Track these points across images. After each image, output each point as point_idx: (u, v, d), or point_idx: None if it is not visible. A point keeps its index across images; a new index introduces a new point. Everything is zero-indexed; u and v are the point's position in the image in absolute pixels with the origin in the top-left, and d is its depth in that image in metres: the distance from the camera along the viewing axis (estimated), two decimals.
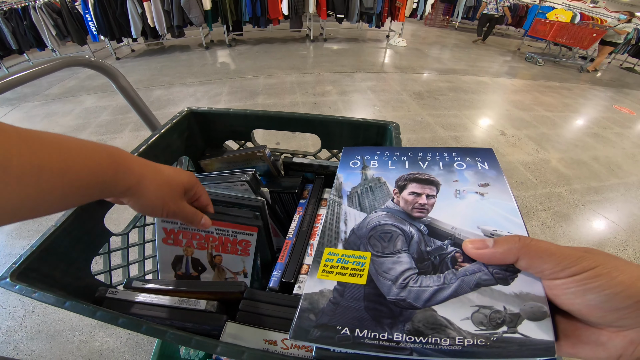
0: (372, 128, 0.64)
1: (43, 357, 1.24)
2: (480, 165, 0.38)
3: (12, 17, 4.47)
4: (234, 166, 0.65)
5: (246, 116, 0.68)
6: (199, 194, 0.47)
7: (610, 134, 3.20)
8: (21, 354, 1.25)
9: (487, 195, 0.34)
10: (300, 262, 0.48)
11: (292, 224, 0.54)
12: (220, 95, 3.54)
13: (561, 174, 2.46)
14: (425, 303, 0.26)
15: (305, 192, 0.61)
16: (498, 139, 2.87)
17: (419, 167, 0.39)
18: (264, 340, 0.37)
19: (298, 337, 0.26)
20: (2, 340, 1.30)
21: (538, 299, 0.24)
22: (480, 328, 0.24)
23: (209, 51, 5.47)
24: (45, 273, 0.40)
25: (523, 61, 5.92)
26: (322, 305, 0.28)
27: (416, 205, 0.35)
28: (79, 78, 4.23)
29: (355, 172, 0.41)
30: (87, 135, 2.77)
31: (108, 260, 0.54)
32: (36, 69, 0.64)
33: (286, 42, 6.05)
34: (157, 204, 0.39)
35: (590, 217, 2.05)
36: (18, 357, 1.24)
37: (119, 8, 4.60)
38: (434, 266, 0.29)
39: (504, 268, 0.27)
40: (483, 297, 0.26)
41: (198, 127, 0.70)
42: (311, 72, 4.32)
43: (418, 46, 6.32)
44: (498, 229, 0.30)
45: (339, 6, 5.49)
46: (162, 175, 0.40)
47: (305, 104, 3.33)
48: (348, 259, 0.31)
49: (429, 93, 3.81)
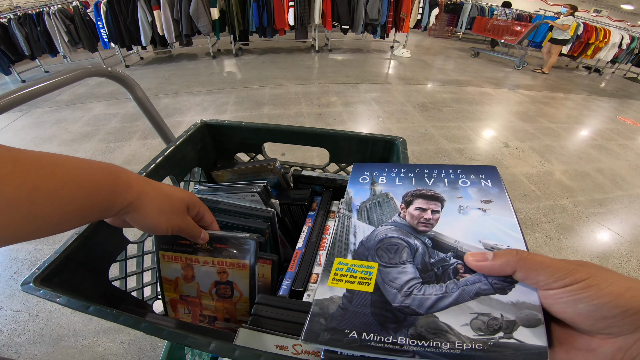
0: (379, 143, 0.66)
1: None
2: (484, 182, 0.40)
3: (25, 23, 4.56)
4: (245, 178, 0.67)
5: (258, 129, 0.71)
6: (202, 213, 0.47)
7: (614, 146, 3.20)
8: (22, 358, 1.25)
9: (489, 211, 0.36)
10: (310, 271, 0.50)
11: (302, 234, 0.56)
12: (227, 105, 3.58)
13: (565, 186, 2.46)
14: (428, 310, 0.28)
15: (314, 204, 0.63)
16: (502, 151, 2.88)
17: (425, 184, 0.42)
18: (275, 346, 0.38)
19: (309, 340, 0.28)
20: (4, 343, 1.31)
21: (533, 307, 0.26)
22: (478, 333, 0.26)
23: (216, 60, 5.55)
24: (66, 278, 0.42)
25: (527, 72, 5.95)
26: (332, 310, 0.30)
27: (421, 220, 0.37)
28: (88, 85, 4.30)
29: (364, 187, 0.44)
30: (95, 142, 2.82)
31: (124, 267, 0.56)
32: (59, 79, 0.66)
33: (292, 52, 6.12)
34: (161, 219, 0.39)
35: (594, 229, 2.05)
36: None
37: (129, 16, 4.70)
38: (437, 276, 0.31)
39: (502, 279, 0.29)
40: (482, 305, 0.27)
41: (211, 139, 0.73)
42: (316, 82, 4.37)
43: (422, 57, 6.37)
44: (498, 243, 0.32)
45: (344, 17, 5.56)
46: (162, 191, 0.40)
47: (310, 114, 3.37)
48: (357, 268, 0.33)
49: (433, 104, 3.83)
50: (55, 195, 0.27)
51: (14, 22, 4.47)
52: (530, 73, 5.89)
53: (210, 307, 0.54)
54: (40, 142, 2.84)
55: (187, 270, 0.52)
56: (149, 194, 0.37)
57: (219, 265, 0.51)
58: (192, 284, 0.53)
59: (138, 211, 0.36)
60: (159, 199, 0.39)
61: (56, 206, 0.27)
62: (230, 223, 0.57)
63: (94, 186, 0.31)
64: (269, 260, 0.53)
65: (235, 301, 0.52)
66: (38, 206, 0.26)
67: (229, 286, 0.52)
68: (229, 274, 0.51)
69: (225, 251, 0.50)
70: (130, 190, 0.35)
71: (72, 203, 0.28)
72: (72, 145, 2.77)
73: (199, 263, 0.51)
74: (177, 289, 0.54)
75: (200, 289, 0.53)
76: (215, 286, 0.52)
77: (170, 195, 0.41)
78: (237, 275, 0.51)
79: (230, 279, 0.52)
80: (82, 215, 0.31)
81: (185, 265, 0.52)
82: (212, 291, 0.53)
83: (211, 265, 0.51)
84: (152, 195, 0.38)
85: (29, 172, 0.25)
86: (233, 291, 0.52)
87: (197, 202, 0.46)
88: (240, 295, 0.52)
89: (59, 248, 0.41)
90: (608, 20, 9.14)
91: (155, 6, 4.66)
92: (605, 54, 6.23)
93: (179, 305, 0.55)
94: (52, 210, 0.27)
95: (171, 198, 0.41)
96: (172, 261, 0.52)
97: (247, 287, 0.51)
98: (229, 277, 0.52)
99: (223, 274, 0.52)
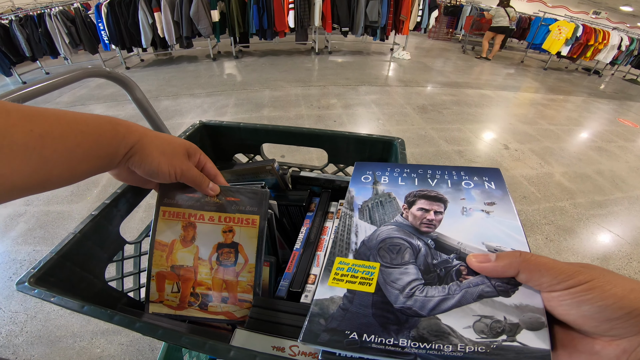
0: (378, 144, 0.66)
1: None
2: (487, 184, 0.40)
3: (27, 24, 4.57)
4: (243, 179, 0.67)
5: (256, 130, 0.70)
6: (203, 162, 0.48)
7: (614, 148, 3.21)
8: (20, 359, 1.25)
9: (492, 213, 0.36)
10: (308, 272, 0.49)
11: (300, 235, 0.56)
12: (227, 107, 3.59)
13: (565, 188, 2.46)
14: (430, 312, 0.28)
15: (313, 205, 0.62)
16: (502, 153, 2.88)
17: (428, 185, 0.41)
18: (272, 347, 0.38)
19: (308, 340, 0.27)
20: (2, 344, 1.31)
21: (536, 310, 0.26)
22: (481, 336, 0.25)
23: (216, 62, 5.57)
24: (62, 278, 0.41)
25: (527, 74, 5.97)
26: (332, 310, 0.29)
27: (424, 220, 0.36)
28: (89, 87, 4.31)
29: (366, 186, 0.43)
30: None
31: (121, 267, 0.55)
32: (58, 79, 0.66)
33: (292, 54, 6.13)
34: (162, 161, 0.40)
35: (594, 230, 2.05)
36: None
37: (130, 18, 4.71)
38: (440, 278, 0.30)
39: (505, 281, 0.28)
40: (485, 308, 0.27)
41: (209, 140, 0.73)
42: (316, 84, 4.38)
43: (422, 59, 6.39)
44: (502, 245, 0.32)
45: (344, 19, 5.58)
46: (161, 136, 0.41)
47: (310, 117, 3.37)
48: (358, 268, 0.33)
49: (433, 107, 3.84)
50: (63, 140, 0.29)
51: (15, 23, 4.47)
52: (532, 75, 5.90)
53: (206, 281, 0.48)
54: None
55: (187, 230, 0.48)
56: (149, 136, 0.39)
57: (226, 223, 0.48)
58: (190, 249, 0.48)
59: (140, 153, 0.38)
60: (159, 141, 0.40)
61: (66, 149, 0.29)
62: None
63: (97, 131, 0.33)
64: (266, 261, 0.51)
65: (239, 270, 0.48)
66: (48, 149, 0.28)
67: (233, 249, 0.48)
68: (235, 232, 0.48)
69: (235, 205, 0.48)
70: (131, 134, 0.37)
71: (80, 147, 0.31)
72: None
73: (203, 220, 0.48)
74: (170, 257, 0.49)
75: (199, 255, 0.48)
76: (218, 249, 0.48)
77: (170, 140, 0.42)
78: (244, 234, 0.48)
79: (236, 240, 0.48)
80: (91, 161, 0.33)
81: (187, 224, 0.48)
82: (213, 257, 0.48)
83: (217, 223, 0.48)
84: (152, 137, 0.40)
85: (35, 120, 0.27)
86: (237, 256, 0.48)
87: (196, 149, 0.47)
88: (245, 262, 0.48)
89: (54, 247, 0.41)
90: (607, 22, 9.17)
91: (156, 8, 4.67)
92: (605, 56, 6.24)
93: (166, 281, 0.49)
94: (62, 154, 0.29)
95: (171, 142, 0.42)
96: (172, 218, 0.48)
97: (254, 251, 0.48)
98: (235, 236, 0.48)
99: (229, 234, 0.48)
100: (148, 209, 1.93)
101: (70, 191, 2.20)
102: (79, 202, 2.12)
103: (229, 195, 0.49)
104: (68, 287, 0.42)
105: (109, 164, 0.36)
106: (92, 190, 2.22)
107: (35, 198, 2.14)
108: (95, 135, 0.33)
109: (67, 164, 0.30)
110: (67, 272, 0.42)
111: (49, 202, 2.11)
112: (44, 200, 2.12)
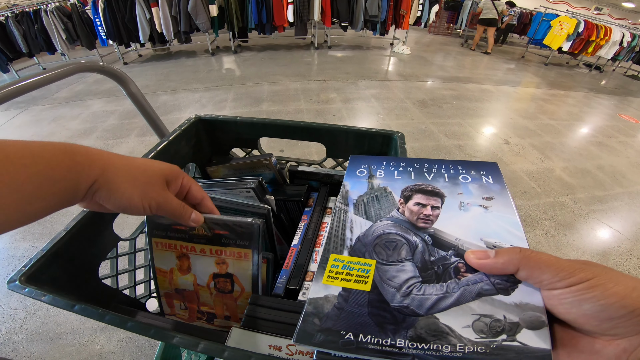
0: (377, 137, 0.65)
1: (42, 359, 1.25)
2: (485, 179, 0.39)
3: (23, 20, 4.53)
4: (240, 173, 0.66)
5: (253, 124, 0.69)
6: (187, 186, 0.42)
7: (615, 143, 3.19)
8: (20, 356, 1.25)
9: (490, 208, 0.35)
10: (305, 270, 0.49)
11: (297, 231, 0.55)
12: (226, 102, 3.57)
13: (565, 183, 2.45)
14: (428, 311, 0.27)
15: (311, 201, 0.61)
16: (502, 148, 2.87)
17: (425, 179, 0.40)
18: (268, 346, 0.37)
19: (302, 341, 0.26)
20: (1, 341, 1.30)
21: (537, 308, 0.25)
22: (480, 336, 0.25)
23: (214, 57, 5.53)
24: (54, 276, 0.40)
25: (528, 69, 5.94)
26: (326, 310, 0.28)
27: (421, 215, 0.35)
28: (86, 82, 4.29)
29: (361, 180, 0.42)
30: (93, 139, 2.80)
31: (115, 264, 0.55)
32: (50, 73, 0.66)
33: (291, 49, 6.10)
34: (134, 194, 0.34)
35: (594, 226, 2.04)
36: (17, 359, 1.24)
37: (127, 13, 4.67)
38: (437, 275, 0.29)
39: (505, 278, 0.27)
40: (484, 306, 0.26)
41: (205, 134, 0.72)
42: (315, 79, 4.36)
43: (422, 54, 6.36)
44: (500, 241, 0.31)
45: (344, 14, 5.54)
46: (133, 164, 0.35)
47: (309, 111, 3.36)
48: (353, 265, 0.32)
49: (433, 101, 3.82)
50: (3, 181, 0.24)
51: (11, 20, 4.43)
52: (533, 69, 5.87)
53: (208, 303, 0.50)
54: (39, 139, 2.75)
55: (182, 260, 0.48)
56: (115, 165, 0.33)
57: (217, 255, 0.47)
58: (187, 276, 0.49)
59: (107, 187, 0.32)
60: (130, 171, 0.34)
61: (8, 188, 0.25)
62: None
63: (48, 164, 0.28)
64: (264, 258, 0.51)
65: (236, 297, 0.49)
66: None
67: (228, 279, 0.48)
68: (228, 264, 0.47)
69: (225, 238, 0.46)
70: (92, 165, 0.31)
71: (27, 185, 0.26)
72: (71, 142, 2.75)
73: (195, 252, 0.47)
74: (172, 282, 0.50)
75: (197, 282, 0.49)
76: (214, 279, 0.48)
77: (144, 167, 0.36)
78: (237, 266, 0.47)
79: (230, 271, 0.48)
80: (45, 199, 0.28)
81: (181, 255, 0.48)
82: (210, 285, 0.49)
83: (209, 255, 0.47)
84: (120, 166, 0.34)
85: None
86: (234, 285, 0.48)
87: (177, 173, 0.40)
88: (242, 290, 0.48)
89: (46, 245, 0.41)
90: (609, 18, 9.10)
91: (154, 3, 4.63)
92: (606, 52, 6.20)
93: (174, 300, 0.51)
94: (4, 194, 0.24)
95: (145, 170, 0.36)
96: (165, 249, 0.48)
97: (249, 281, 0.48)
98: (229, 268, 0.48)
99: (222, 265, 0.47)
100: None
101: None
102: None
103: (217, 228, 0.46)
104: (60, 285, 0.42)
105: (71, 200, 0.31)
106: None
107: None
108: (46, 168, 0.27)
109: (14, 205, 0.25)
110: (59, 270, 0.41)
111: None
112: None
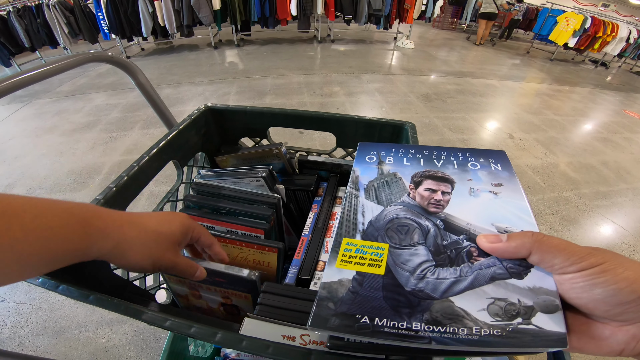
0: (387, 127, 0.64)
1: (48, 353, 1.25)
2: (494, 166, 0.39)
3: (25, 15, 4.51)
4: (249, 163, 0.66)
5: (262, 114, 0.69)
6: (197, 236, 0.42)
7: (620, 139, 3.18)
8: (26, 350, 1.25)
9: (500, 194, 0.35)
10: (317, 259, 0.49)
11: (308, 221, 0.55)
12: (229, 95, 3.56)
13: (570, 178, 2.44)
14: (443, 294, 0.27)
15: (320, 190, 0.61)
16: (506, 142, 2.86)
17: (434, 165, 0.40)
18: (282, 336, 0.37)
19: (317, 325, 0.26)
20: (7, 335, 1.31)
21: (550, 292, 0.25)
22: (496, 319, 0.25)
23: (217, 51, 5.51)
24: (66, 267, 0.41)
25: (533, 64, 5.90)
26: (341, 294, 0.28)
27: (432, 201, 0.35)
28: (89, 76, 4.28)
29: (371, 166, 0.42)
30: (97, 132, 2.81)
31: None
32: (60, 63, 0.64)
33: (294, 42, 6.06)
34: (146, 263, 0.35)
35: (598, 221, 2.04)
36: (22, 353, 1.25)
37: (130, 6, 4.65)
38: (450, 259, 0.29)
39: (517, 263, 0.27)
40: (498, 290, 0.26)
41: (215, 124, 0.72)
42: (319, 73, 4.33)
43: (426, 48, 6.31)
44: (511, 226, 0.31)
45: (347, 7, 5.49)
46: (147, 232, 0.35)
47: (312, 104, 3.34)
48: (366, 249, 0.32)
49: (437, 95, 3.80)
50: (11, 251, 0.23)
51: (13, 14, 4.41)
52: (537, 65, 5.82)
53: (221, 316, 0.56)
54: (42, 132, 2.83)
55: (193, 292, 0.53)
56: (129, 236, 0.33)
57: (222, 293, 0.51)
58: (201, 301, 0.54)
59: (118, 257, 0.33)
60: (142, 241, 0.34)
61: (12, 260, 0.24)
62: (233, 209, 0.56)
63: (59, 237, 0.26)
64: (274, 248, 0.52)
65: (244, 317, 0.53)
66: None
67: (235, 307, 0.53)
68: (232, 300, 0.51)
69: (226, 284, 0.49)
70: (106, 239, 0.31)
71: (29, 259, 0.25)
72: (74, 135, 2.76)
73: (202, 289, 0.51)
74: (188, 302, 0.56)
75: (209, 305, 0.54)
76: (222, 306, 0.53)
77: (156, 235, 0.36)
78: (241, 302, 0.51)
79: (235, 304, 0.52)
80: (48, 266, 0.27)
81: (191, 287, 0.52)
82: (221, 308, 0.54)
83: (214, 292, 0.51)
84: (133, 237, 0.33)
85: None
86: (240, 311, 0.53)
87: (188, 228, 0.41)
88: None
89: None
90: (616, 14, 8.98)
91: None
92: (613, 48, 6.14)
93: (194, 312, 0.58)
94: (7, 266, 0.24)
95: (157, 237, 0.36)
96: (177, 283, 0.53)
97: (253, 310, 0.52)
98: (234, 302, 0.52)
99: (227, 299, 0.51)
100: (151, 197, 1.93)
101: (73, 179, 2.20)
102: (81, 190, 2.12)
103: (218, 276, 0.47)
104: (72, 275, 0.41)
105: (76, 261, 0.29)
106: (94, 178, 2.22)
107: (38, 187, 2.14)
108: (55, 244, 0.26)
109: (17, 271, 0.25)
110: None
111: (51, 191, 2.11)
112: (47, 189, 2.12)
